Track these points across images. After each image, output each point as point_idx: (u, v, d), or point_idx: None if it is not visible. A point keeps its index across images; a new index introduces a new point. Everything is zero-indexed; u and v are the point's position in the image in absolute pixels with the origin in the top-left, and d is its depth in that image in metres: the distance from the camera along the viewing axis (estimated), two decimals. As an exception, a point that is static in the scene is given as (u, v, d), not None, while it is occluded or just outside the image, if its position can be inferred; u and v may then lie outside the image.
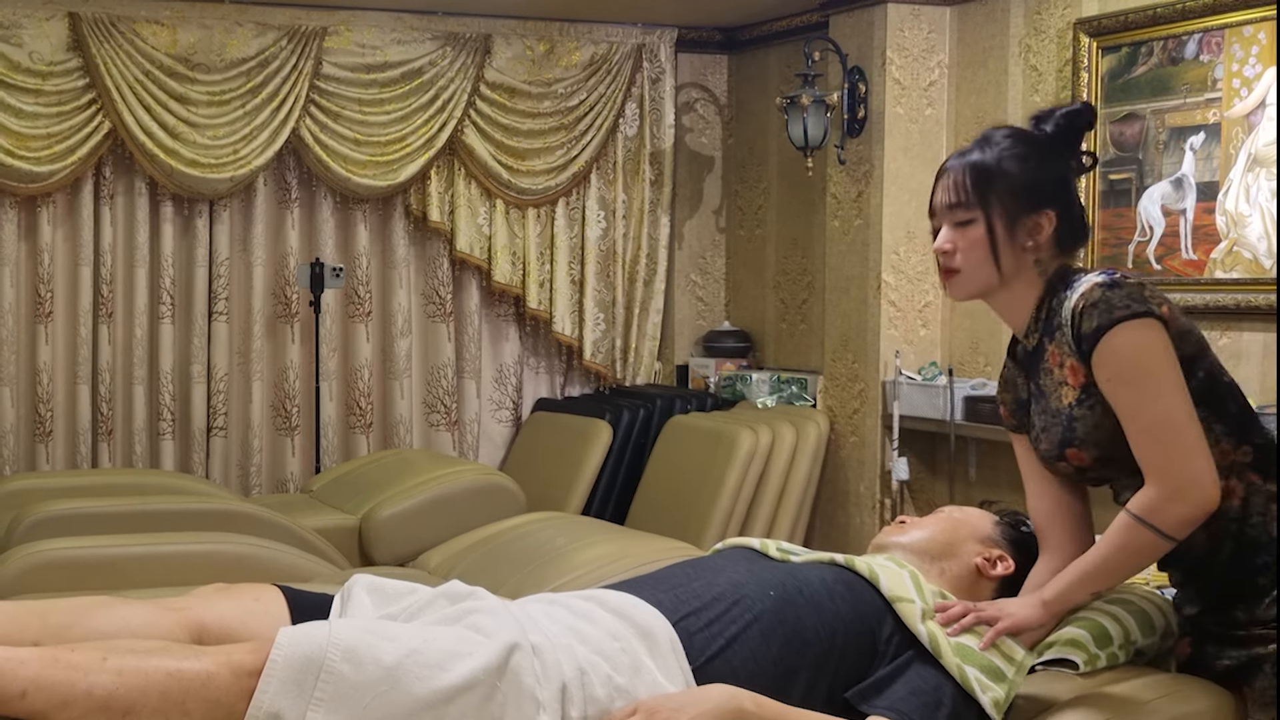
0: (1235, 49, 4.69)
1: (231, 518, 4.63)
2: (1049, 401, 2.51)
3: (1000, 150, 2.49)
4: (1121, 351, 2.36)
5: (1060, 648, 2.49)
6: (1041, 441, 2.55)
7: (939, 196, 2.53)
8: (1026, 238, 2.48)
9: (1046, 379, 2.51)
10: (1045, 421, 2.53)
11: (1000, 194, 2.46)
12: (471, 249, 6.57)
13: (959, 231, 2.50)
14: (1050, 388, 2.50)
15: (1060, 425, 2.48)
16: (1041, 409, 2.54)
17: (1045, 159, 2.51)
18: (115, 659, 2.02)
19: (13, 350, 6.05)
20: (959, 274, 2.52)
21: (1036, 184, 2.48)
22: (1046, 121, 2.53)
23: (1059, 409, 2.48)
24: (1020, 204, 2.47)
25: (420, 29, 6.44)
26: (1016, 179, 2.47)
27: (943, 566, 2.61)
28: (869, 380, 5.88)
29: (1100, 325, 2.36)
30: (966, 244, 2.49)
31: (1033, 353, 2.55)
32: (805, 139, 5.88)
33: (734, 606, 2.37)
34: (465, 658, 2.12)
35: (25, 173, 5.90)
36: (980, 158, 2.49)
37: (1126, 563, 2.43)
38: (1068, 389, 2.45)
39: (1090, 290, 2.40)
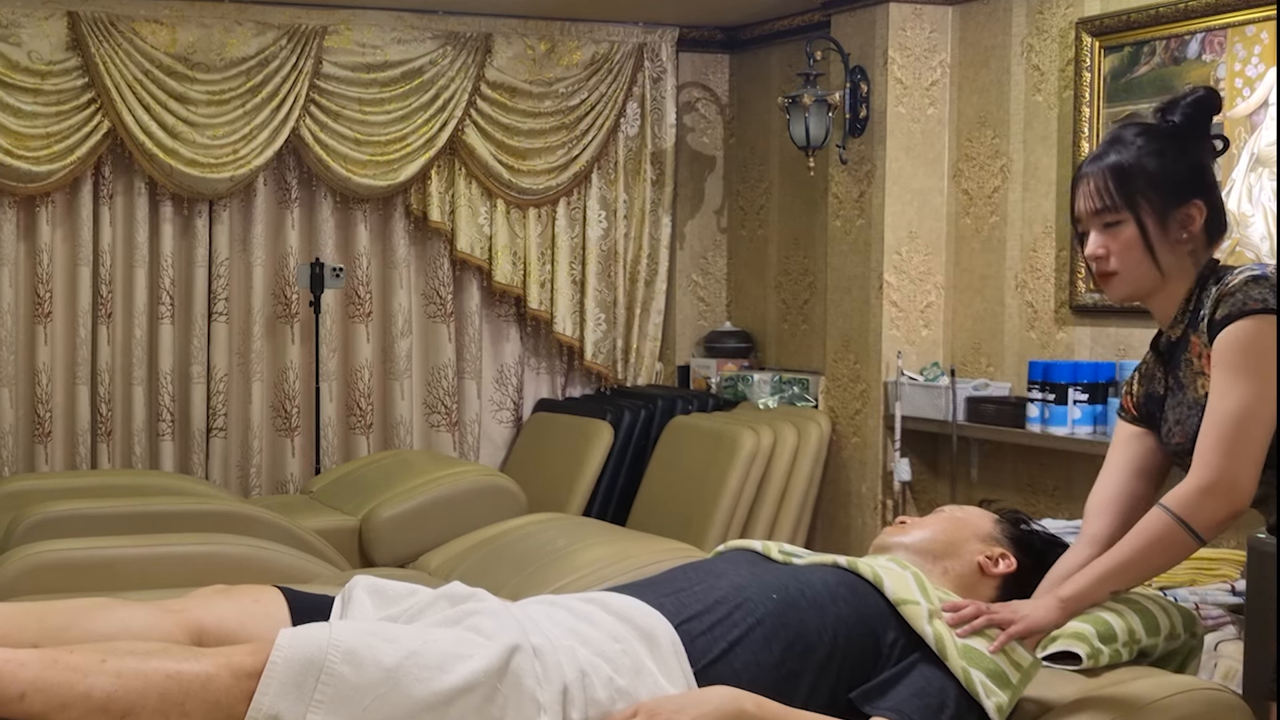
0: (1238, 49, 4.69)
1: (231, 519, 4.62)
2: (1187, 394, 2.48)
3: (1136, 148, 2.48)
4: (1236, 337, 2.35)
5: (1064, 640, 2.50)
6: (1174, 435, 2.51)
7: (1082, 203, 2.52)
8: (1180, 230, 2.47)
9: (1186, 370, 2.49)
10: (1180, 414, 2.50)
11: (1146, 191, 2.45)
12: (472, 249, 6.57)
13: (1109, 234, 2.48)
14: (1189, 379, 2.48)
15: (1196, 417, 2.43)
16: (1178, 401, 2.51)
17: (1182, 149, 2.48)
18: (114, 661, 2.02)
19: (12, 351, 6.04)
20: (1117, 275, 2.50)
21: (1180, 175, 2.46)
22: (1173, 111, 2.51)
23: (1195, 400, 2.45)
24: (1168, 198, 2.46)
25: (420, 28, 6.43)
26: (1159, 174, 2.46)
27: (945, 566, 2.61)
28: (871, 381, 5.88)
29: (1231, 314, 2.36)
30: (1120, 246, 2.48)
31: (1176, 344, 2.52)
32: (807, 138, 5.87)
33: (736, 609, 2.36)
34: (466, 659, 2.11)
35: (24, 172, 5.89)
36: (1118, 158, 2.48)
37: (1151, 560, 2.41)
38: (1205, 380, 2.43)
39: (1237, 280, 2.39)
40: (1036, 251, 5.43)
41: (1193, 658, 2.69)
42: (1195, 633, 2.68)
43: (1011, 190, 5.55)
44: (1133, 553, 2.39)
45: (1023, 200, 5.49)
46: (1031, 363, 5.16)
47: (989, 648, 2.38)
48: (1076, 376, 4.98)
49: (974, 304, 5.74)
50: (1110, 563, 2.41)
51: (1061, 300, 5.33)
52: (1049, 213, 5.38)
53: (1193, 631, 2.68)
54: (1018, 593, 2.59)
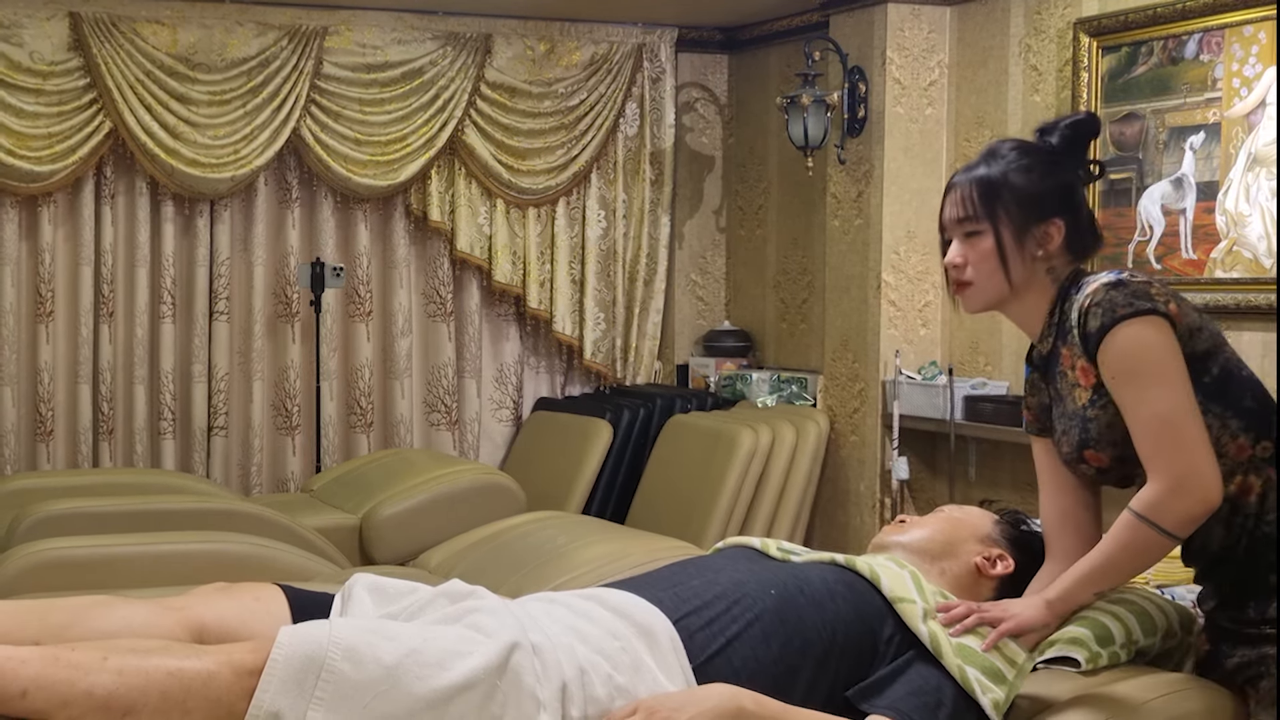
0: (1235, 49, 4.69)
1: (232, 517, 4.63)
2: (1066, 404, 2.53)
3: (1006, 163, 2.52)
4: (1123, 348, 2.39)
5: (1062, 646, 2.49)
6: (1063, 445, 2.56)
7: (948, 211, 2.56)
8: (1036, 247, 2.50)
9: (1062, 382, 2.54)
10: (1064, 425, 2.55)
11: (1007, 205, 2.49)
12: (472, 249, 6.57)
13: (969, 244, 2.53)
14: (1066, 390, 2.53)
15: (1077, 427, 2.50)
16: (1060, 412, 2.56)
17: (1051, 169, 2.53)
18: (116, 658, 2.02)
19: (13, 350, 6.05)
20: (971, 286, 2.54)
21: (1043, 194, 2.50)
22: (1052, 133, 2.56)
23: (1074, 411, 2.50)
24: (1028, 214, 2.50)
25: (421, 29, 6.44)
26: (1023, 190, 2.50)
27: (943, 566, 2.61)
28: (869, 380, 5.89)
29: (1104, 324, 2.39)
30: (977, 256, 2.52)
31: (1048, 357, 2.57)
32: (805, 139, 5.88)
33: (735, 605, 2.37)
34: (465, 657, 2.12)
35: (26, 172, 5.90)
36: (986, 171, 2.52)
37: (1130, 561, 2.43)
38: (1081, 390, 2.48)
39: (1096, 290, 2.43)
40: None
41: (1189, 655, 2.69)
42: (1192, 631, 2.68)
43: (1010, 190, 5.55)
44: (1110, 557, 2.42)
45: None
46: (1029, 362, 5.16)
47: (981, 646, 2.40)
48: (1074, 376, 4.98)
49: (972, 303, 5.74)
50: (1090, 566, 2.44)
51: (1059, 300, 5.33)
52: (1047, 212, 5.38)
53: (1189, 630, 2.68)
54: (1015, 594, 2.59)
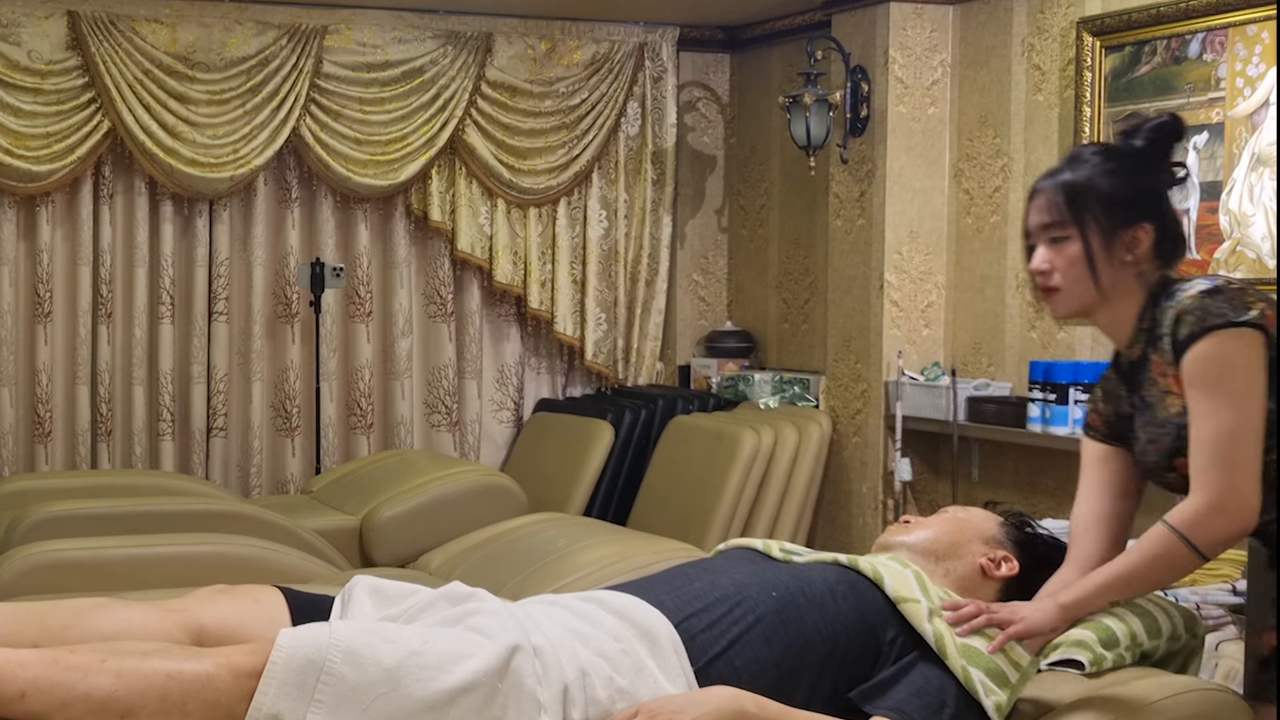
0: (1238, 48, 4.69)
1: (231, 519, 4.62)
2: (1155, 412, 2.48)
3: (1091, 167, 2.50)
4: (1206, 357, 2.36)
5: (1066, 648, 2.50)
6: (1149, 453, 2.51)
7: (1033, 217, 2.54)
8: (1125, 252, 2.48)
9: (1151, 390, 2.49)
10: (1152, 433, 2.50)
11: (1094, 211, 2.47)
12: (472, 249, 6.56)
13: (1055, 250, 2.50)
14: (1156, 398, 2.48)
15: (1169, 435, 2.45)
16: (1148, 420, 2.51)
17: (1137, 172, 2.50)
18: (115, 660, 2.02)
19: (12, 350, 6.04)
20: (1059, 292, 2.51)
21: (1130, 198, 2.48)
22: (1135, 136, 2.54)
23: (1166, 419, 2.46)
24: (1115, 219, 2.47)
25: (421, 28, 6.43)
26: (1110, 194, 2.47)
27: (947, 567, 2.61)
28: (871, 380, 5.87)
29: (1193, 333, 2.37)
30: (1064, 262, 2.49)
31: (1137, 364, 2.52)
32: (808, 138, 5.87)
33: (736, 607, 2.36)
34: (466, 659, 2.11)
35: (24, 172, 5.89)
36: (1072, 176, 2.51)
37: (1154, 575, 2.42)
38: (1174, 398, 2.44)
39: (1191, 298, 2.40)
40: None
41: (1194, 658, 2.69)
42: (1196, 633, 2.68)
43: (1012, 190, 5.55)
44: (1135, 567, 2.41)
45: (1022, 200, 5.48)
46: (1032, 362, 5.16)
47: (987, 648, 2.38)
48: (1077, 376, 4.98)
49: (975, 303, 5.74)
50: (1112, 574, 2.43)
51: (1062, 300, 5.32)
52: (1050, 212, 5.37)
53: (1194, 632, 2.68)
54: (1020, 595, 2.59)
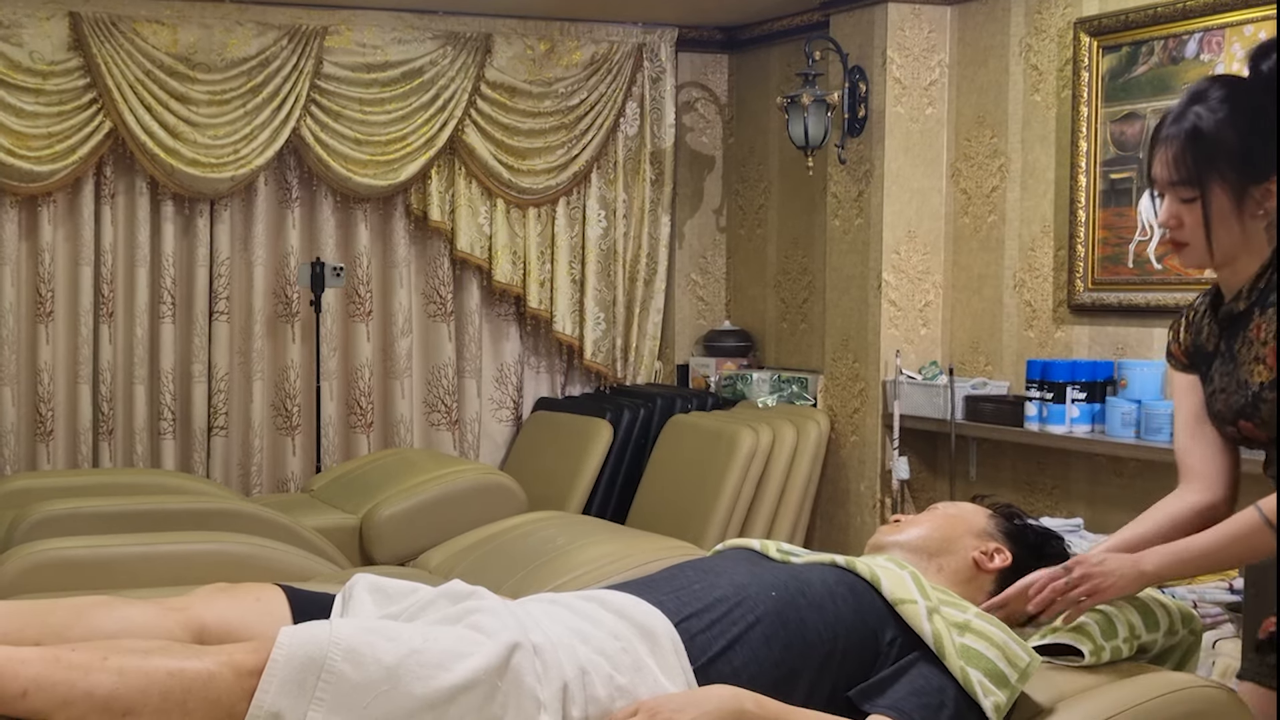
0: (1236, 48, 4.69)
1: (232, 517, 4.62)
2: (1238, 370, 2.43)
3: (1221, 113, 2.32)
4: None
5: (1066, 634, 2.50)
6: (1217, 401, 2.48)
7: (1158, 170, 2.39)
8: (1256, 207, 2.35)
9: (1243, 347, 2.43)
10: (1227, 384, 2.46)
11: (1223, 169, 2.32)
12: (472, 248, 6.57)
13: (1186, 207, 2.37)
14: (1245, 358, 2.42)
15: (1243, 398, 2.41)
16: (1227, 371, 2.46)
17: (1267, 112, 2.30)
18: (116, 659, 2.02)
19: (13, 350, 6.05)
20: (1188, 247, 2.41)
21: (1263, 151, 2.31)
22: (1264, 59, 2.34)
23: (1247, 381, 2.41)
24: (1246, 176, 2.33)
25: (421, 28, 6.44)
26: (1241, 150, 2.31)
27: (940, 563, 2.62)
28: (869, 380, 5.88)
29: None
30: (1194, 219, 2.36)
31: (1238, 317, 2.45)
32: (806, 138, 5.88)
33: (736, 607, 2.37)
34: (466, 657, 2.11)
35: (26, 172, 5.90)
36: (1198, 124, 2.33)
37: (1235, 557, 2.43)
38: (1263, 368, 2.37)
39: None
40: (1035, 251, 5.44)
41: (1191, 654, 2.70)
42: (1194, 629, 2.69)
43: (1010, 190, 5.56)
44: (1223, 547, 2.41)
45: (1021, 200, 5.50)
46: (1030, 361, 5.17)
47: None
48: (1074, 375, 4.99)
49: (972, 303, 5.75)
50: (1197, 548, 2.43)
51: (1060, 299, 5.34)
52: (1047, 212, 5.39)
53: (1191, 628, 2.69)
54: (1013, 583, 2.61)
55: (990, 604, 2.56)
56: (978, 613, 2.46)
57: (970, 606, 2.48)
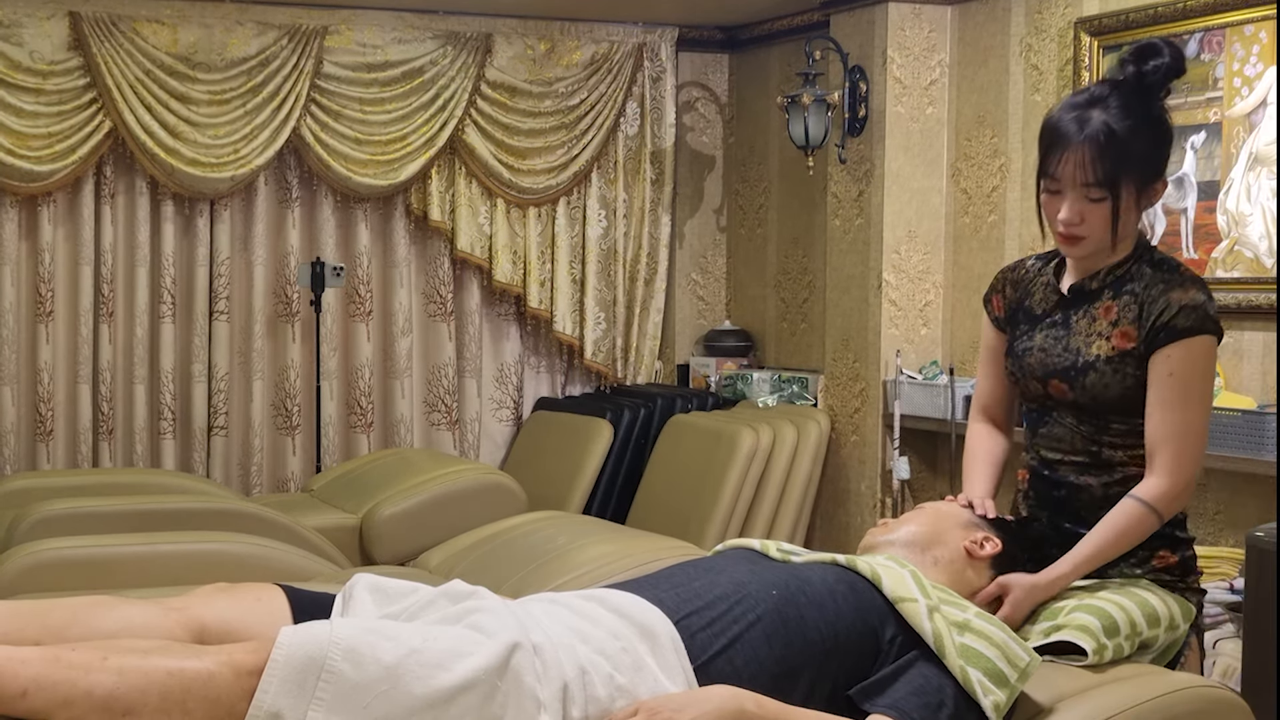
0: (1236, 48, 4.69)
1: (232, 517, 4.62)
2: (1070, 339, 2.69)
3: (1129, 123, 2.57)
4: (1195, 358, 2.59)
5: (1070, 631, 2.52)
6: (1030, 357, 2.74)
7: (1068, 169, 2.60)
8: (1147, 204, 2.66)
9: (1082, 321, 2.68)
10: (1051, 346, 2.71)
11: (1131, 172, 2.58)
12: (472, 248, 6.58)
13: (1089, 206, 2.60)
14: (1081, 329, 2.68)
15: (1068, 362, 2.68)
16: (1056, 336, 2.72)
17: (1164, 123, 2.62)
18: (116, 658, 2.02)
19: (13, 349, 6.05)
20: (1083, 240, 2.63)
21: (1161, 155, 2.63)
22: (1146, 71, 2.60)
23: (1079, 350, 2.67)
24: (1147, 178, 2.61)
25: (421, 28, 6.44)
26: (1146, 156, 2.60)
27: (934, 555, 2.65)
28: (870, 379, 5.88)
29: (1193, 328, 2.57)
30: (1098, 219, 2.60)
31: (1088, 294, 2.70)
32: (806, 138, 5.88)
33: (736, 606, 2.37)
34: (466, 657, 2.11)
35: (26, 172, 5.90)
36: (1112, 130, 2.56)
37: (1128, 545, 2.64)
38: (1103, 343, 2.64)
39: (1196, 295, 2.59)
40: (1035, 250, 5.43)
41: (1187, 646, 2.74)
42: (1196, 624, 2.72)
43: (1010, 189, 5.56)
44: (1114, 539, 2.62)
45: (1021, 199, 5.50)
46: (1030, 361, 5.16)
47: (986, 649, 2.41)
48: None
49: (973, 302, 5.75)
50: (1090, 550, 2.62)
51: (1060, 299, 5.33)
52: (1048, 212, 5.38)
53: (1192, 622, 2.71)
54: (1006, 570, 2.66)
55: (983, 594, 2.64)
56: (978, 612, 2.47)
57: (970, 606, 2.49)
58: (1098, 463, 2.69)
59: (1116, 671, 2.51)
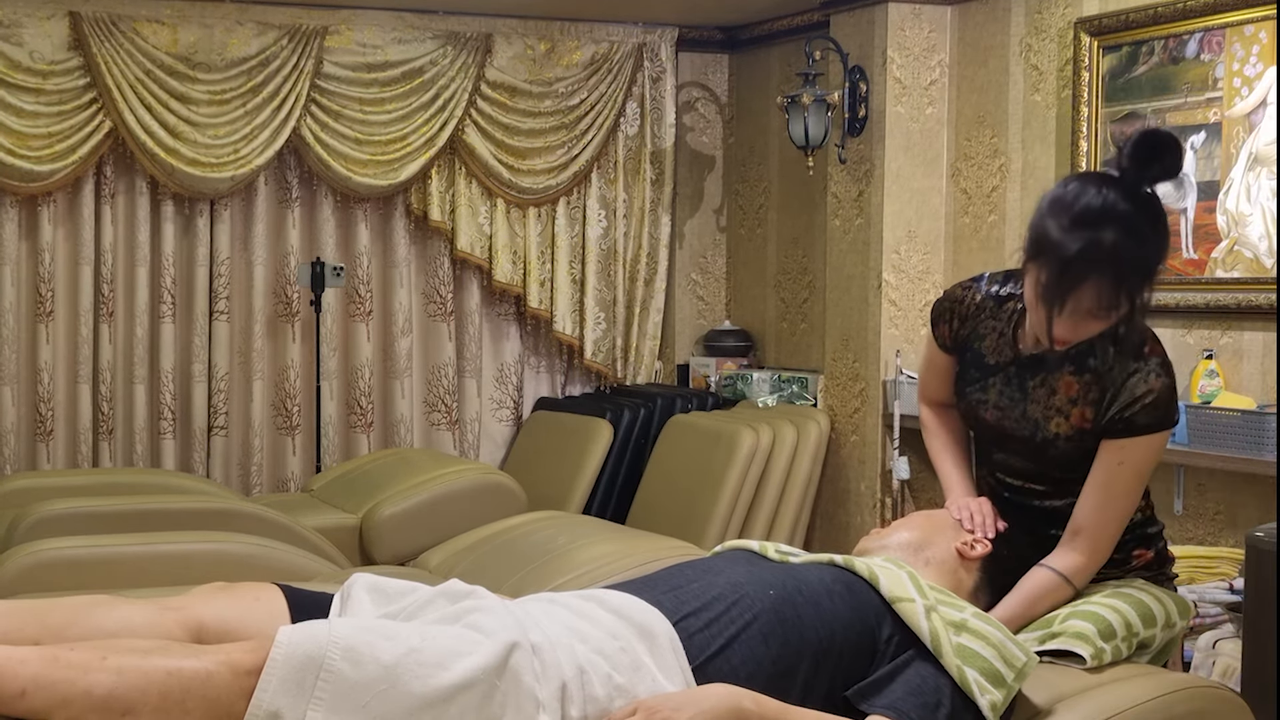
0: (1236, 48, 4.69)
1: (232, 517, 4.62)
2: (1028, 407, 2.66)
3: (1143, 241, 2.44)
4: (1150, 450, 2.60)
5: (1066, 639, 2.52)
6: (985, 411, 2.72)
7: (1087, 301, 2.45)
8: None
9: (1040, 390, 2.65)
10: (1008, 408, 2.69)
11: (1141, 286, 2.48)
12: (472, 248, 6.58)
13: (1090, 325, 2.50)
14: (1039, 399, 2.65)
15: (1026, 432, 2.66)
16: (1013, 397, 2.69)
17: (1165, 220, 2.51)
18: (115, 658, 2.02)
19: (13, 349, 6.05)
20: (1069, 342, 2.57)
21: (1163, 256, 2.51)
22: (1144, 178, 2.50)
23: (1038, 423, 2.65)
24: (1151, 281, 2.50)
25: (421, 28, 6.44)
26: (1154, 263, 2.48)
27: (927, 556, 2.67)
28: (870, 379, 5.88)
29: (1152, 424, 2.56)
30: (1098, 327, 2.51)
31: (1045, 362, 2.64)
32: (806, 138, 5.88)
33: (733, 606, 2.37)
34: (465, 656, 2.11)
35: (26, 172, 5.90)
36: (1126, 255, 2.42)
37: (1041, 610, 2.64)
38: (1061, 421, 2.62)
39: (1160, 383, 2.56)
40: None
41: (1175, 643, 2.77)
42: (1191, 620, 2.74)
43: (1010, 189, 5.56)
44: (1029, 605, 2.63)
45: (1021, 199, 5.50)
46: (1030, 361, 5.16)
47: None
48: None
49: (973, 303, 5.74)
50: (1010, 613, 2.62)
51: (1060, 299, 5.33)
52: (1048, 212, 5.38)
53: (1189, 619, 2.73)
54: (996, 571, 2.69)
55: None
56: (975, 612, 2.47)
57: (968, 606, 2.49)
58: (1059, 490, 2.69)
59: (1116, 672, 2.51)
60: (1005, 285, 2.73)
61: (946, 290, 2.85)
